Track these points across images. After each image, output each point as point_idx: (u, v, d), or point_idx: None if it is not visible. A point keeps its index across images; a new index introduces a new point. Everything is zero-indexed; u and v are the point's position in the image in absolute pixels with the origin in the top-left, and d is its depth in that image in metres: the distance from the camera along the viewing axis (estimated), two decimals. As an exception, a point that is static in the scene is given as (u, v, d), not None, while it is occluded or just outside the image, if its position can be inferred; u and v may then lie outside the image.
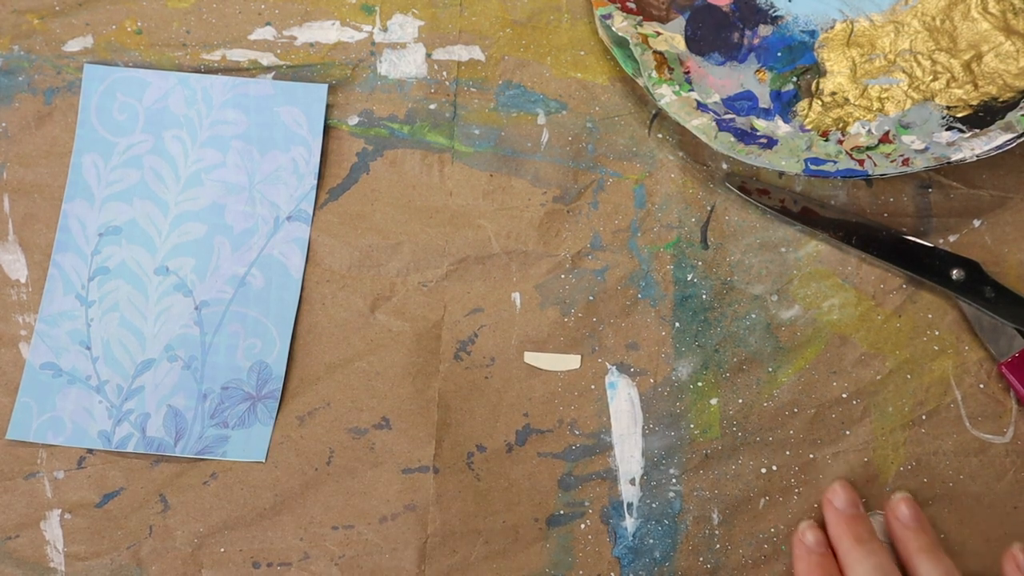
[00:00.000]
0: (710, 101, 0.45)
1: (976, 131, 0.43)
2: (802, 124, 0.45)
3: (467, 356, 0.43)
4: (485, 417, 0.42)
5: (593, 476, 0.42)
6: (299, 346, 0.43)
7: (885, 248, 0.44)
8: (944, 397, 0.43)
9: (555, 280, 0.44)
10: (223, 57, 0.46)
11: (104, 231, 0.44)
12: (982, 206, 0.45)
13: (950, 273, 0.43)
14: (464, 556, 0.41)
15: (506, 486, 0.42)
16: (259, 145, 0.45)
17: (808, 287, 0.44)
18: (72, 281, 0.43)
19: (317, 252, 0.44)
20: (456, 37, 0.47)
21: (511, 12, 0.47)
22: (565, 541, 0.41)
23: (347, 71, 0.46)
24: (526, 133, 0.46)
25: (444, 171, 0.45)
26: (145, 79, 0.45)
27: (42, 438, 0.42)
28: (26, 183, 0.44)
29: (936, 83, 0.45)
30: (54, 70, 0.46)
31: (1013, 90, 0.44)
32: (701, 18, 0.47)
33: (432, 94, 0.46)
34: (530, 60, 0.46)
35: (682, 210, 0.45)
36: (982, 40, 0.45)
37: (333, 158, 0.45)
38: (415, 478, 0.42)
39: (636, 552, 0.41)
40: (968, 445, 0.42)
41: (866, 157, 0.43)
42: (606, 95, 0.46)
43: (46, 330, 0.43)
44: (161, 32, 0.46)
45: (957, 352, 0.43)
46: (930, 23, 0.46)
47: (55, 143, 0.45)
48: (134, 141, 0.45)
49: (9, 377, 0.42)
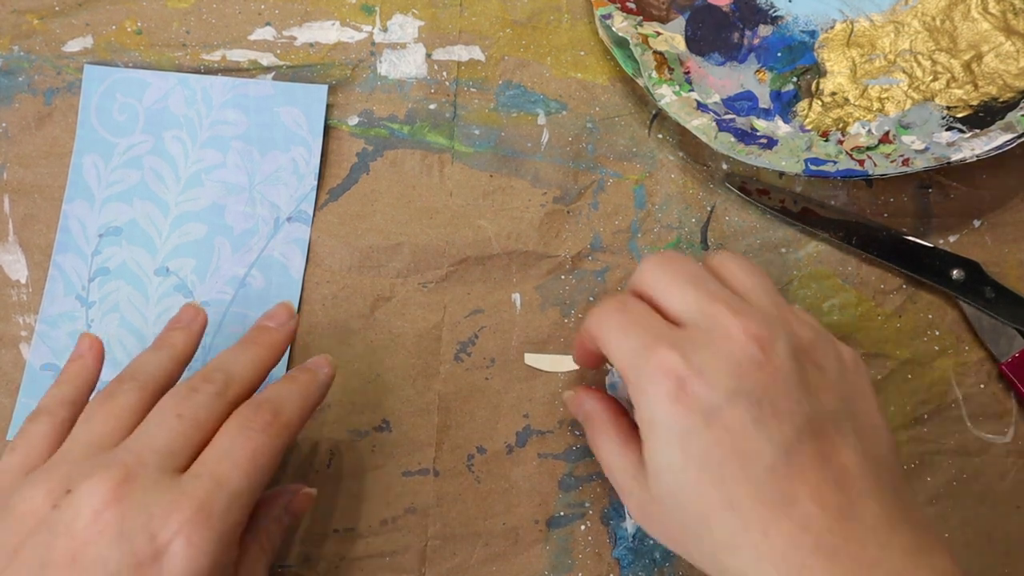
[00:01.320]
0: (710, 101, 0.45)
1: (976, 131, 0.43)
2: (802, 124, 0.45)
3: (467, 357, 0.43)
4: (485, 419, 0.42)
5: (594, 477, 0.42)
6: (299, 347, 0.43)
7: (885, 248, 0.44)
8: (945, 397, 0.43)
9: (555, 281, 0.44)
10: (223, 57, 0.46)
11: (104, 232, 0.44)
12: (982, 206, 0.45)
13: (950, 273, 0.43)
14: (464, 559, 0.41)
15: (506, 488, 0.42)
16: (259, 146, 0.45)
17: (808, 287, 0.44)
18: (72, 282, 0.43)
19: (317, 253, 0.44)
20: (456, 37, 0.47)
21: (511, 12, 0.47)
22: (565, 543, 0.41)
23: (347, 71, 0.46)
24: (526, 133, 0.46)
25: (444, 171, 0.45)
26: (145, 79, 0.45)
27: (42, 439, 0.42)
28: (26, 183, 0.44)
29: (936, 83, 0.45)
30: (54, 70, 0.46)
31: (1013, 90, 0.44)
32: (701, 18, 0.47)
33: (432, 94, 0.46)
34: (530, 60, 0.46)
35: (682, 210, 0.45)
36: (982, 40, 0.45)
37: (333, 158, 0.45)
38: (415, 480, 0.42)
39: (636, 553, 0.41)
40: (970, 445, 0.42)
41: (866, 157, 0.43)
42: (606, 95, 0.46)
43: (47, 331, 0.43)
44: (161, 32, 0.46)
45: (957, 352, 0.43)
46: (930, 23, 0.46)
47: (55, 143, 0.45)
48: (134, 142, 0.45)
49: (10, 378, 0.42)
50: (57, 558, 0.28)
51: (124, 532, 0.29)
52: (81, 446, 0.32)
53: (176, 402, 0.33)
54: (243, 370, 0.35)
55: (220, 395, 0.33)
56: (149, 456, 0.31)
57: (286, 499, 0.37)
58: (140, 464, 0.30)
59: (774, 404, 0.30)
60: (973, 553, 0.41)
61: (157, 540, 0.29)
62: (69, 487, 0.30)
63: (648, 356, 0.31)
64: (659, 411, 0.31)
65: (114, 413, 0.33)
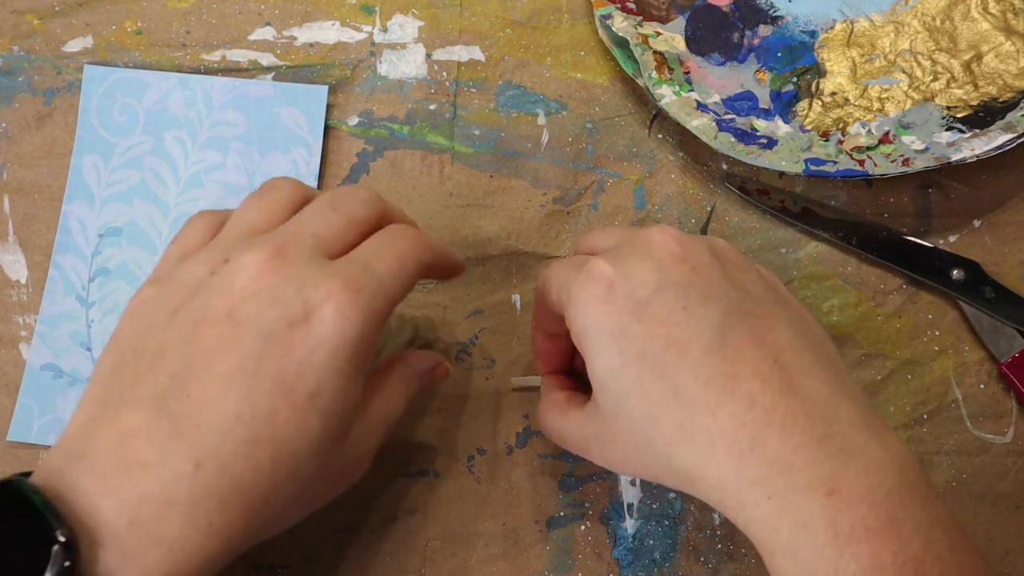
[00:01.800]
0: (710, 101, 0.45)
1: (976, 131, 0.43)
2: (802, 124, 0.45)
3: (467, 358, 0.43)
4: (486, 420, 0.42)
5: (594, 477, 0.42)
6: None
7: (885, 248, 0.44)
8: (945, 397, 0.43)
9: (555, 281, 0.44)
10: (223, 57, 0.46)
11: (104, 232, 0.44)
12: (982, 206, 0.45)
13: (950, 273, 0.43)
14: (464, 559, 0.41)
15: (506, 488, 0.42)
16: (259, 146, 0.45)
17: (808, 288, 0.44)
18: (72, 282, 0.43)
19: (317, 253, 0.44)
20: (456, 37, 0.47)
21: (511, 12, 0.47)
22: (565, 543, 0.41)
23: (347, 71, 0.46)
24: (526, 134, 0.46)
25: (444, 172, 0.45)
26: (145, 80, 0.45)
27: (43, 440, 0.42)
28: (26, 184, 0.44)
29: (936, 83, 0.45)
30: (54, 70, 0.46)
31: (1013, 90, 0.44)
32: (701, 18, 0.47)
33: (432, 94, 0.46)
34: (530, 60, 0.46)
35: (682, 211, 0.45)
36: (982, 40, 0.45)
37: (333, 159, 0.45)
38: (415, 481, 0.42)
39: (636, 553, 0.41)
40: (970, 445, 0.42)
41: (866, 157, 0.43)
42: (606, 95, 0.46)
43: (47, 331, 0.43)
44: (161, 32, 0.46)
45: (957, 352, 0.43)
46: (930, 23, 0.46)
47: (55, 144, 0.45)
48: (134, 142, 0.45)
49: (10, 378, 0.42)
50: (213, 314, 0.30)
51: (279, 294, 0.30)
52: (238, 230, 0.33)
53: (332, 195, 0.34)
54: (393, 209, 0.36)
55: (373, 204, 0.34)
56: (305, 237, 0.31)
57: (433, 363, 0.38)
58: (296, 243, 0.31)
59: (700, 291, 0.31)
60: (973, 553, 0.41)
61: (309, 303, 0.30)
62: (227, 258, 0.31)
63: (579, 269, 0.32)
64: (591, 315, 0.31)
65: (268, 206, 0.34)
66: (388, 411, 0.35)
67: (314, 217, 0.33)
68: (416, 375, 0.37)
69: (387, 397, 0.35)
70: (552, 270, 0.35)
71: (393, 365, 0.36)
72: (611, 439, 0.33)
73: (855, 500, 0.27)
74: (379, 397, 0.34)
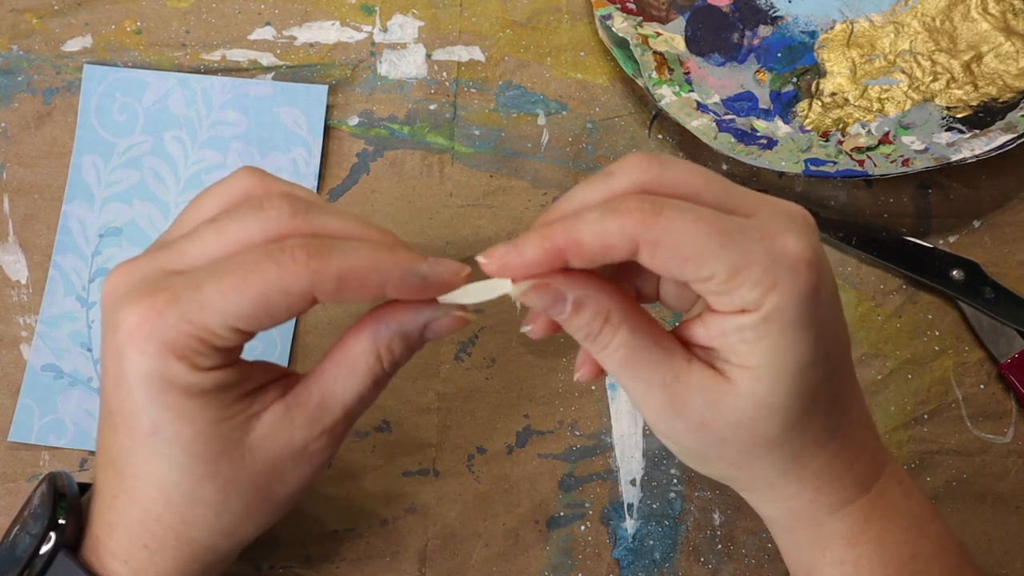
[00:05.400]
0: (710, 102, 0.45)
1: (976, 132, 0.43)
2: (802, 125, 0.45)
3: (467, 357, 0.43)
4: (486, 419, 0.42)
5: (594, 477, 0.42)
6: (300, 347, 0.43)
7: (885, 248, 0.44)
8: (945, 397, 0.43)
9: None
10: (223, 57, 0.46)
11: (104, 232, 0.44)
12: (982, 206, 0.45)
13: (950, 273, 0.43)
14: (464, 559, 0.41)
15: (506, 488, 0.42)
16: (259, 146, 0.45)
17: (808, 287, 0.44)
18: (73, 282, 0.43)
19: (317, 253, 0.44)
20: (456, 38, 0.47)
21: (511, 13, 0.47)
22: (565, 543, 0.41)
23: (347, 71, 0.46)
24: (526, 134, 0.46)
25: (444, 172, 0.45)
26: (144, 79, 0.45)
27: (44, 440, 0.42)
28: (26, 183, 0.44)
29: (936, 84, 0.45)
30: (53, 70, 0.46)
31: (1013, 90, 0.44)
32: (701, 18, 0.47)
33: (432, 95, 0.46)
34: (530, 61, 0.46)
35: (682, 211, 0.45)
36: (982, 41, 0.45)
37: (333, 159, 0.45)
38: (415, 480, 0.42)
39: (636, 553, 0.41)
40: (970, 445, 0.42)
41: (866, 158, 0.43)
42: (606, 96, 0.46)
43: (47, 331, 0.43)
44: (161, 32, 0.46)
45: (957, 352, 0.43)
46: (930, 24, 0.46)
47: (55, 143, 0.45)
48: (134, 142, 0.45)
49: (11, 379, 0.42)
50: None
51: (111, 330, 0.28)
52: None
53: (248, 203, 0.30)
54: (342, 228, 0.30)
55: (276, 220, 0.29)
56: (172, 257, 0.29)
57: (427, 317, 0.30)
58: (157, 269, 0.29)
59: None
60: (973, 553, 0.41)
61: (118, 335, 0.27)
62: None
63: (759, 240, 0.25)
64: (807, 307, 0.25)
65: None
66: (328, 400, 0.30)
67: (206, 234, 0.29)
68: (397, 337, 0.30)
69: (326, 382, 0.30)
70: (720, 234, 0.26)
71: (360, 329, 0.30)
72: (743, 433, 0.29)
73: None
74: (315, 385, 0.30)
